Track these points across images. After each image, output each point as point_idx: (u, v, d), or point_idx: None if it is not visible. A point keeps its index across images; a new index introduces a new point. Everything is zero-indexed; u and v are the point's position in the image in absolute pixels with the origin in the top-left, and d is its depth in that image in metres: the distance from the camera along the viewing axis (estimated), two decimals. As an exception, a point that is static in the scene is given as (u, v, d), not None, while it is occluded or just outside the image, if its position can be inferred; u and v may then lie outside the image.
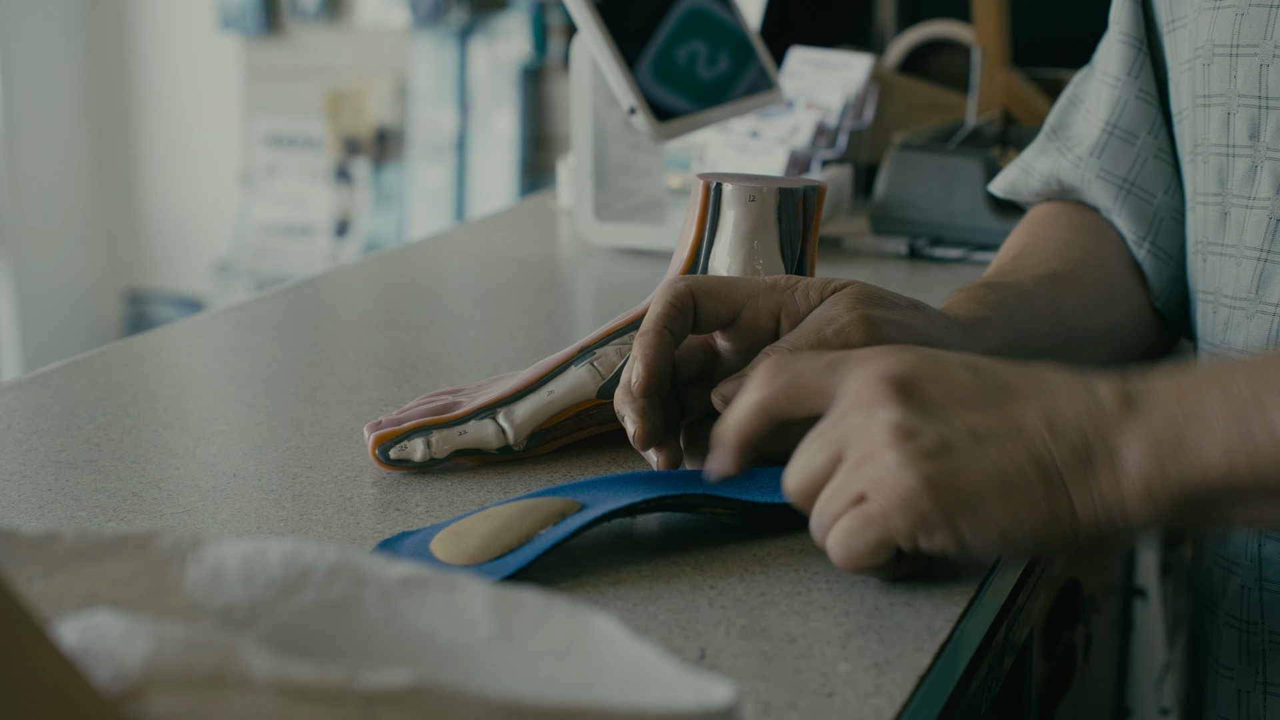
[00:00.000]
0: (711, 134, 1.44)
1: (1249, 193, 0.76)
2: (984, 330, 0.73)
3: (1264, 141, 0.75)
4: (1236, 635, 0.78)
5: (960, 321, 0.72)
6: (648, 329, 0.68)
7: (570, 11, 1.20)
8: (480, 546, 0.61)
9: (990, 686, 0.67)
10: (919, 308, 0.70)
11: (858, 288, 0.69)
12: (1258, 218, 0.76)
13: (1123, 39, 0.86)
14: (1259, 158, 0.76)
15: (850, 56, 1.45)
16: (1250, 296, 0.77)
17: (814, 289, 0.69)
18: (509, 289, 1.18)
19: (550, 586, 0.61)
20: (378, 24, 3.71)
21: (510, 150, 3.59)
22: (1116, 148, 0.86)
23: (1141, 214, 0.86)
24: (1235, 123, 0.77)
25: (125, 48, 3.99)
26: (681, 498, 0.64)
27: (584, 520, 0.62)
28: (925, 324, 0.69)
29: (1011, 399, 0.58)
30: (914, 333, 0.68)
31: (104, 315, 4.09)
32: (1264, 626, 0.76)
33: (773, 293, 0.69)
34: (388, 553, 0.63)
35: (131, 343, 0.99)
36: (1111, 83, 0.87)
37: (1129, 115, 0.86)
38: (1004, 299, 0.77)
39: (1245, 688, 0.77)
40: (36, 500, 0.70)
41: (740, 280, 0.70)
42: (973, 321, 0.73)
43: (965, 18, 1.58)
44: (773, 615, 0.59)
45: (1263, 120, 0.75)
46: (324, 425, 0.81)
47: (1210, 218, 0.80)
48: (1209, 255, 0.80)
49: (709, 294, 0.68)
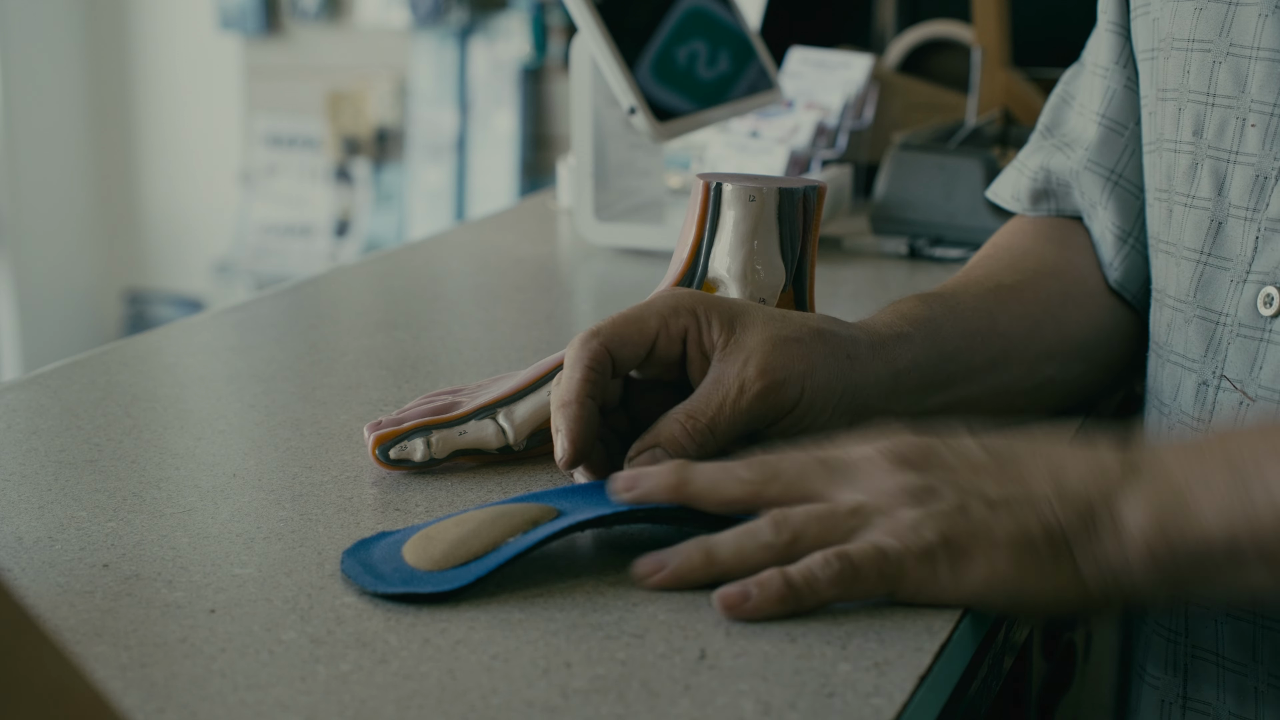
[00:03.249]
0: (711, 134, 1.44)
1: (1189, 190, 0.75)
2: (897, 348, 0.72)
3: (1205, 139, 0.74)
4: (1164, 645, 0.76)
5: (869, 341, 0.71)
6: (568, 399, 0.66)
7: (570, 11, 1.20)
8: (446, 552, 0.61)
9: (990, 686, 0.67)
10: (823, 338, 0.68)
11: (760, 338, 0.67)
12: (1197, 218, 0.75)
13: (1110, 27, 0.85)
14: (1200, 155, 0.75)
15: (850, 56, 1.45)
16: (1188, 299, 0.75)
17: (717, 320, 0.67)
18: (509, 289, 1.18)
19: (550, 587, 0.61)
20: (378, 24, 3.71)
21: (510, 150, 3.59)
22: (1107, 139, 0.85)
23: (1128, 207, 0.85)
24: (1183, 119, 0.76)
25: (125, 48, 3.99)
26: (658, 512, 0.64)
27: (553, 529, 0.62)
28: (828, 365, 0.68)
29: (1021, 467, 0.59)
30: (817, 380, 0.67)
31: (104, 315, 4.08)
32: (1188, 640, 0.75)
33: (678, 318, 0.67)
34: (362, 552, 0.63)
35: (131, 343, 0.99)
36: (1102, 74, 0.85)
37: (1117, 105, 0.85)
38: (933, 313, 0.75)
39: (1168, 699, 0.76)
40: (36, 500, 0.70)
41: (645, 313, 0.68)
42: (886, 339, 0.72)
43: (965, 18, 1.58)
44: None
45: (1207, 117, 0.74)
46: (324, 425, 0.81)
47: (1158, 214, 0.79)
48: (1158, 253, 0.79)
49: (623, 342, 0.67)
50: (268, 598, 0.60)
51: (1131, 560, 0.57)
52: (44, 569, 0.62)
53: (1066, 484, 0.58)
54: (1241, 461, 0.57)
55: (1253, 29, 0.71)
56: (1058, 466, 0.59)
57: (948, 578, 0.58)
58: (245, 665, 0.54)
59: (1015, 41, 1.52)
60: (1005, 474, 0.59)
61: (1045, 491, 0.58)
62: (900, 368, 0.71)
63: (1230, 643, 0.72)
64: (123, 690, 0.53)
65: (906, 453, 0.60)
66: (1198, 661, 0.74)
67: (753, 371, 0.66)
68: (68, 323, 3.99)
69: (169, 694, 0.52)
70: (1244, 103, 0.72)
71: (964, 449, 0.61)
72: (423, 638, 0.56)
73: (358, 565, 0.62)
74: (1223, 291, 0.73)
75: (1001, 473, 0.59)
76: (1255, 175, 0.72)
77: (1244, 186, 0.72)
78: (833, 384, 0.68)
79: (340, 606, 0.59)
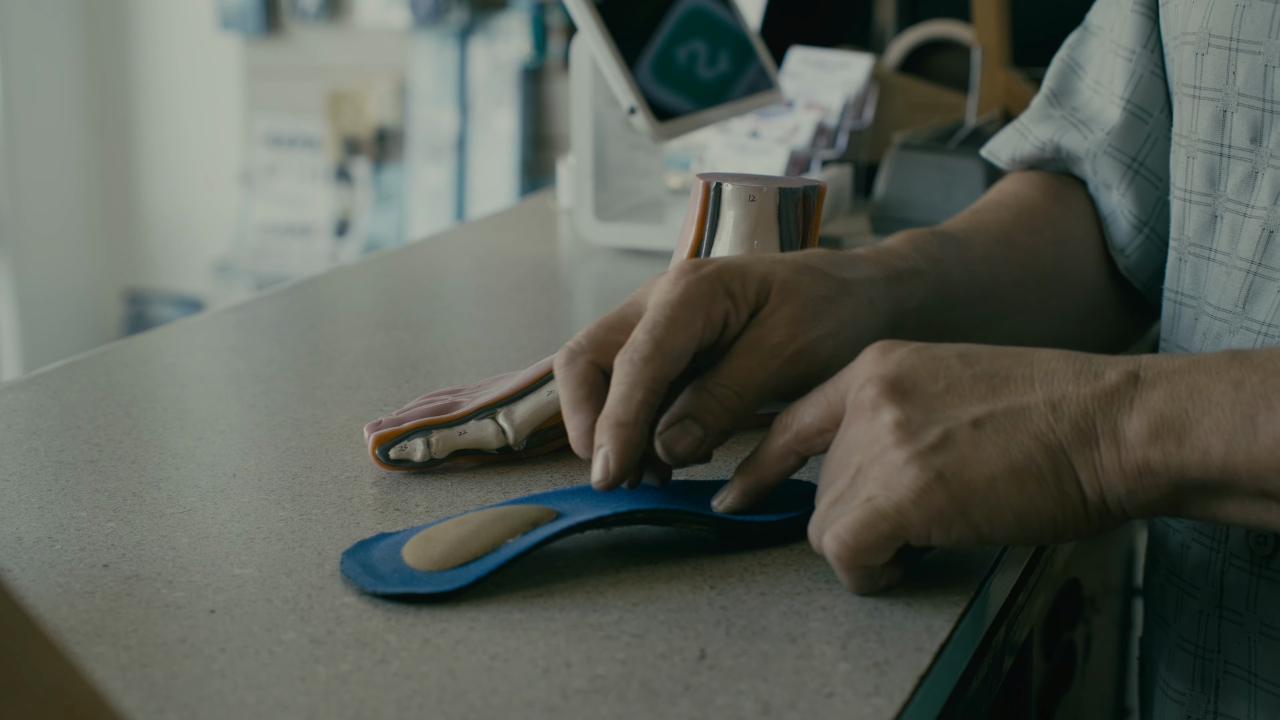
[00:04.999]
0: (711, 134, 1.44)
1: (1246, 199, 0.72)
2: (910, 284, 0.71)
3: (1267, 148, 0.71)
4: (1190, 660, 0.73)
5: (885, 278, 0.70)
6: (626, 420, 0.63)
7: (570, 11, 1.20)
8: (446, 553, 0.61)
9: (990, 686, 0.67)
10: (849, 290, 0.68)
11: (790, 302, 0.66)
12: (1253, 227, 0.71)
13: (1137, 9, 0.82)
14: (1260, 164, 0.71)
15: (850, 56, 1.45)
16: (1236, 310, 0.72)
17: (752, 291, 0.66)
18: (509, 289, 1.18)
19: (550, 587, 0.61)
20: (378, 24, 3.71)
21: (510, 150, 3.59)
22: (1131, 125, 0.83)
23: (1146, 197, 0.83)
24: (1233, 122, 0.72)
25: (125, 48, 3.99)
26: (658, 512, 0.64)
27: (553, 530, 0.62)
28: (855, 318, 0.68)
29: (1010, 385, 0.58)
30: (845, 335, 0.67)
31: (104, 315, 4.08)
32: (1220, 656, 0.71)
33: (716, 304, 0.65)
34: (362, 553, 0.63)
35: (131, 343, 0.99)
36: (1126, 55, 0.82)
37: (1143, 91, 0.82)
38: (946, 255, 0.74)
39: (1196, 715, 0.73)
40: (36, 500, 0.70)
41: (690, 316, 0.65)
42: (902, 273, 0.71)
43: (965, 18, 1.58)
44: (773, 615, 0.59)
45: (1267, 125, 0.70)
46: (324, 425, 0.81)
47: (1196, 217, 0.75)
48: (1189, 257, 0.76)
49: (679, 356, 0.64)
50: (268, 598, 0.60)
51: (1129, 474, 0.56)
52: (44, 569, 0.62)
53: (1062, 396, 0.57)
54: (1251, 390, 0.55)
55: None
56: (1050, 378, 0.58)
57: (954, 512, 0.56)
58: (245, 665, 0.54)
59: (1015, 41, 1.52)
60: (992, 389, 0.58)
61: (1038, 406, 0.57)
62: (908, 308, 0.71)
63: (1265, 662, 0.69)
64: (123, 690, 0.53)
65: (891, 381, 0.59)
66: (1230, 678, 0.71)
67: (783, 337, 0.65)
68: (68, 323, 3.99)
69: (169, 694, 0.52)
70: None
71: (948, 368, 0.59)
72: (423, 638, 0.56)
73: (357, 566, 0.62)
74: (1270, 302, 0.70)
75: (988, 389, 0.58)
76: None
77: None
78: (861, 335, 0.67)
79: (340, 607, 0.59)
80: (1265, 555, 0.68)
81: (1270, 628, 0.68)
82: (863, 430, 0.59)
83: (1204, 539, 0.71)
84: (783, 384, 0.66)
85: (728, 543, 0.65)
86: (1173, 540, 0.74)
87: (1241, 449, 0.54)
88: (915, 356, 0.60)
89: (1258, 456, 0.54)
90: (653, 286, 0.67)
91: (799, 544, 0.64)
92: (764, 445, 0.64)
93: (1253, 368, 0.55)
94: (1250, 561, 0.69)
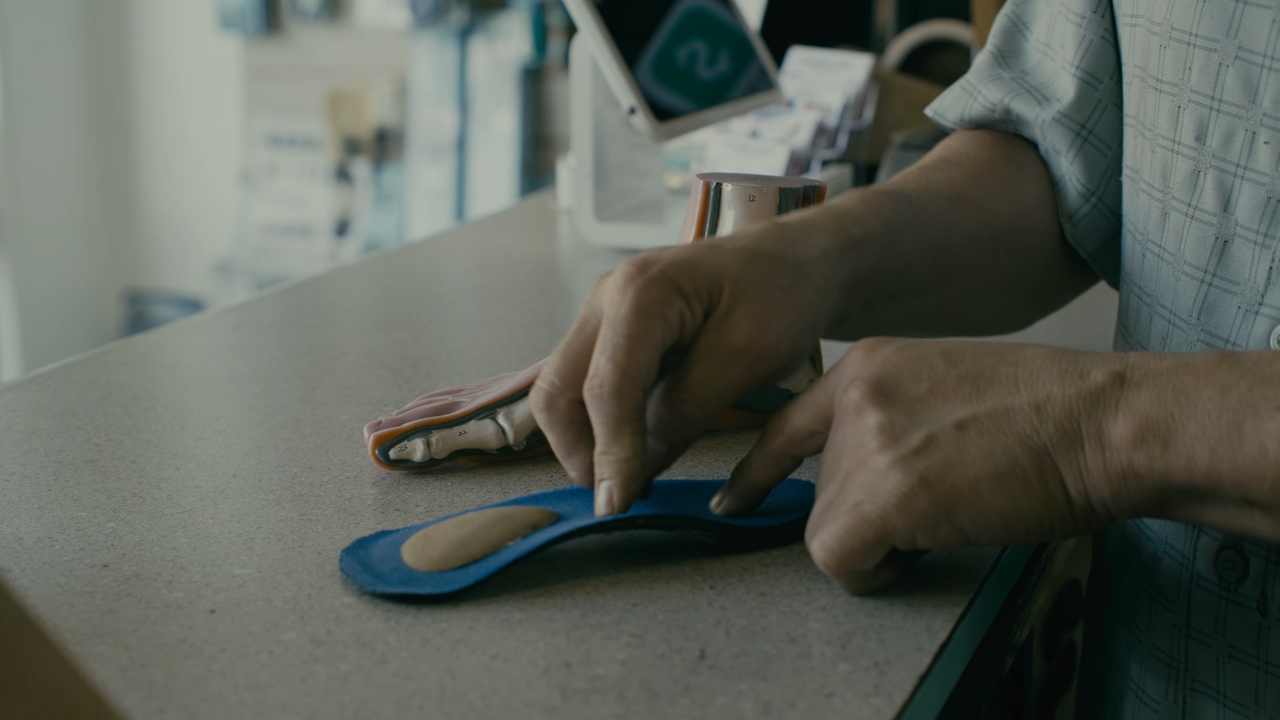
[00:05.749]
0: (711, 134, 1.44)
1: (1190, 199, 0.69)
2: (865, 249, 0.69)
3: (1210, 147, 0.68)
4: (1165, 669, 0.72)
5: (837, 248, 0.68)
6: (629, 456, 0.62)
7: (570, 11, 1.20)
8: (445, 554, 0.61)
9: (990, 686, 0.67)
10: (802, 274, 0.65)
11: (744, 300, 0.64)
12: (1200, 231, 0.68)
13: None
14: (1203, 163, 0.68)
15: (850, 56, 1.45)
16: (1192, 320, 0.69)
17: (703, 290, 0.64)
18: (509, 289, 1.18)
19: (551, 587, 0.61)
20: (378, 24, 3.71)
21: (510, 150, 3.59)
22: (1083, 93, 0.80)
23: (1094, 165, 0.81)
24: (1184, 119, 0.69)
25: (125, 48, 3.99)
26: (659, 518, 0.64)
27: (554, 534, 0.62)
28: (811, 303, 0.65)
29: (994, 386, 0.58)
30: (804, 323, 0.65)
31: (104, 315, 4.08)
32: (1188, 673, 0.70)
33: (671, 308, 0.63)
34: (361, 551, 0.63)
35: (131, 343, 0.99)
36: (1076, 20, 0.80)
37: (1093, 57, 0.80)
38: (898, 217, 0.71)
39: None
40: (36, 500, 0.70)
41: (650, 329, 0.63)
42: (856, 239, 0.69)
43: (965, 18, 1.58)
44: (773, 615, 0.58)
45: (1211, 123, 0.67)
46: (324, 425, 0.81)
47: (1149, 210, 0.73)
48: (1150, 254, 0.74)
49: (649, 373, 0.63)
50: (268, 598, 0.60)
51: (1114, 477, 0.55)
52: (44, 569, 0.62)
53: (1047, 397, 0.56)
54: (1239, 398, 0.54)
55: (1265, 36, 0.65)
56: (1034, 379, 0.57)
57: (938, 516, 0.56)
58: (245, 665, 0.54)
59: (1015, 41, 1.52)
60: (976, 391, 0.57)
61: (1020, 403, 0.56)
62: (861, 274, 0.69)
63: (1232, 684, 0.68)
64: (123, 690, 0.53)
65: (875, 383, 0.58)
66: (1198, 695, 0.70)
67: (740, 342, 0.63)
68: (68, 323, 3.99)
69: (169, 694, 0.52)
70: (1255, 115, 0.66)
71: (932, 369, 0.58)
72: (423, 638, 0.56)
73: (356, 564, 0.62)
74: (1229, 318, 0.67)
75: (972, 390, 0.57)
76: (1267, 197, 0.66)
77: (1254, 207, 0.66)
78: (819, 316, 0.66)
79: (340, 607, 0.59)
80: (1235, 580, 0.67)
81: (1240, 650, 0.67)
82: (849, 434, 0.59)
83: (1174, 552, 0.70)
84: (746, 386, 0.64)
85: (728, 547, 0.65)
86: (1146, 548, 0.73)
87: (1226, 457, 0.54)
88: (899, 356, 0.59)
89: (1242, 465, 0.54)
90: (602, 290, 0.65)
91: (799, 544, 0.64)
92: (758, 448, 0.64)
93: (1241, 373, 0.55)
94: (1219, 585, 0.67)
